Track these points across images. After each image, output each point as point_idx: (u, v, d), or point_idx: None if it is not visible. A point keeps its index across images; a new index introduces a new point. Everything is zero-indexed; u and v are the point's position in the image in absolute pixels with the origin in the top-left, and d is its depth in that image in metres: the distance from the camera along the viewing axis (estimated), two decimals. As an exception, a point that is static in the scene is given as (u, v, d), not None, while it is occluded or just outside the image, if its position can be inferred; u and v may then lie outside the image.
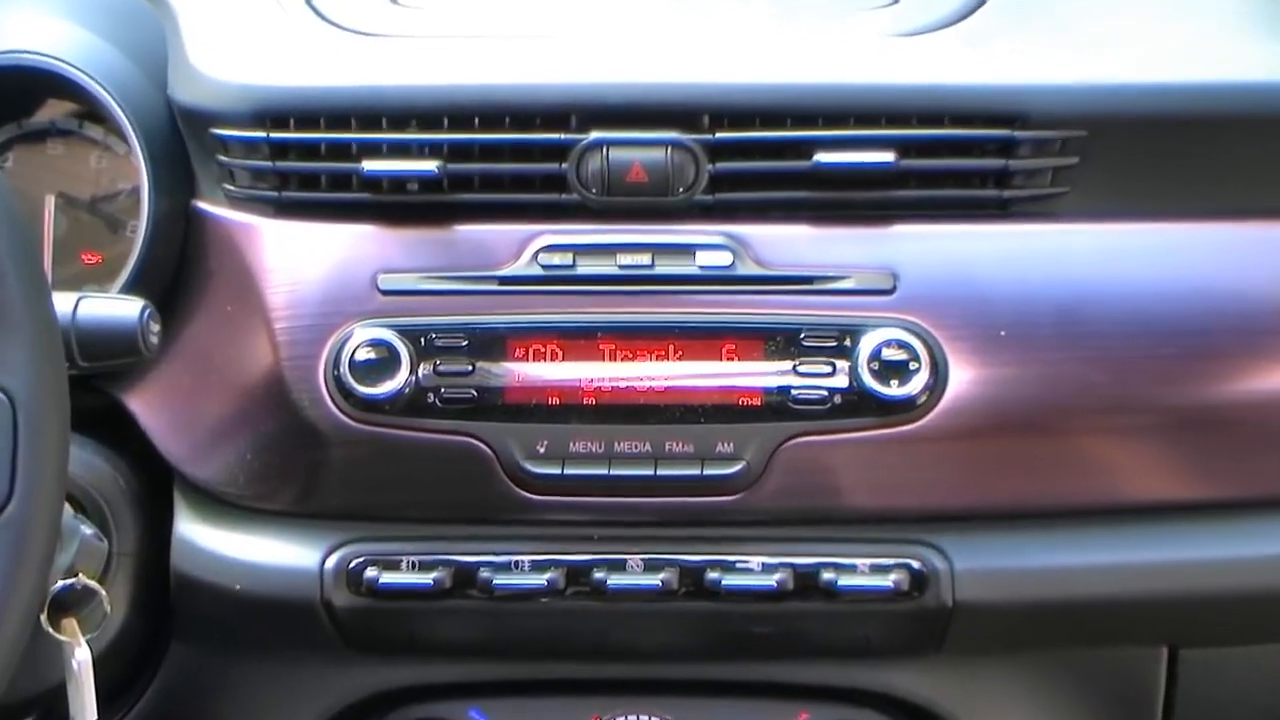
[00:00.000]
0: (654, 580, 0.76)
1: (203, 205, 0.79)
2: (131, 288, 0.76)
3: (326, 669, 0.83)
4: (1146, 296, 0.76)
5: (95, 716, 0.77)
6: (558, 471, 0.74)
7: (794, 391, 0.74)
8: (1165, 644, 0.80)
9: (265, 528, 0.79)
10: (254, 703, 0.85)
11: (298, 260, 0.76)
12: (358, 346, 0.75)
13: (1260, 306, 0.75)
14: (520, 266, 0.76)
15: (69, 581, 0.77)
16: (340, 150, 0.75)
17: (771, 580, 0.76)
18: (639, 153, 0.75)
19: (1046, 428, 0.75)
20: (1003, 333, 0.74)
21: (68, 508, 0.76)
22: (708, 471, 0.75)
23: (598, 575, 0.76)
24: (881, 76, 0.76)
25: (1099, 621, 0.79)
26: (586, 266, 0.76)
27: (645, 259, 0.76)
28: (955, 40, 0.77)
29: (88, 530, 0.79)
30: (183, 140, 0.78)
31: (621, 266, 0.76)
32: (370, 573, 0.77)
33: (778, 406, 0.73)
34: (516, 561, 0.78)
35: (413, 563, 0.77)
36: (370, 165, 0.75)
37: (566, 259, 0.76)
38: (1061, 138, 0.74)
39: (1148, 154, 0.75)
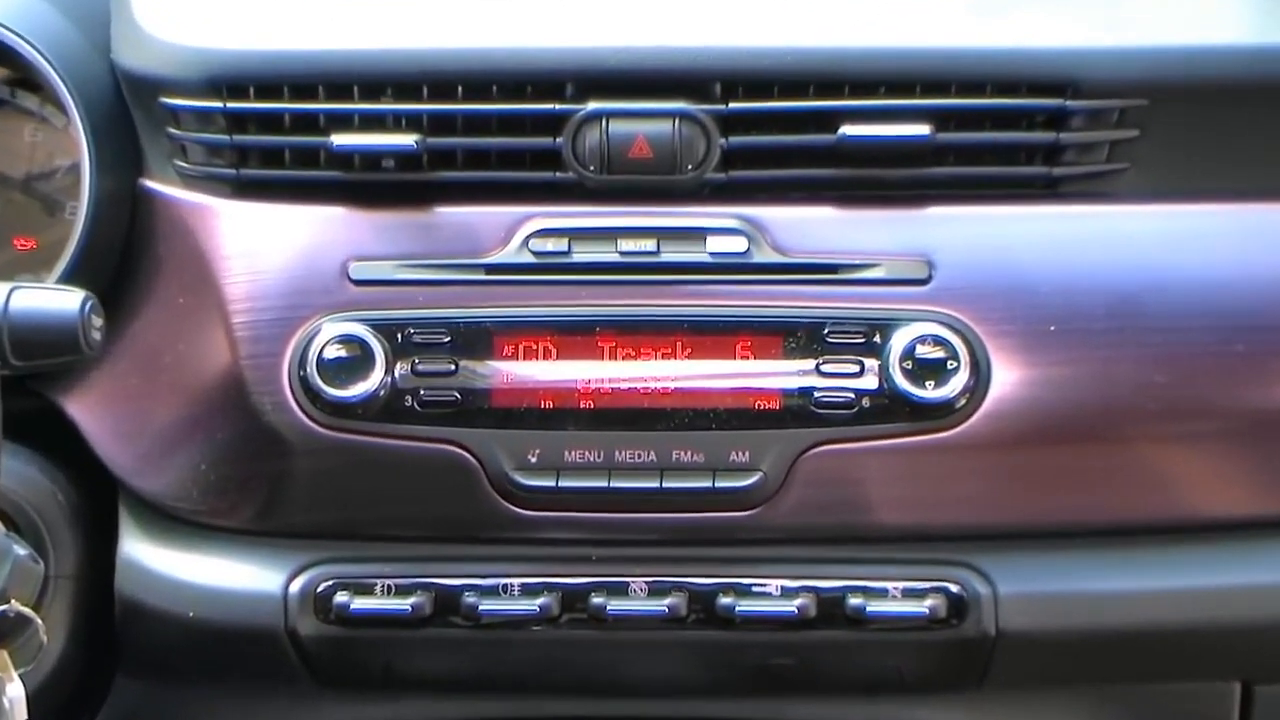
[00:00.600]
0: (660, 606, 0.72)
1: (151, 184, 0.76)
2: (71, 277, 0.73)
3: (291, 706, 0.80)
4: (1214, 286, 0.72)
5: None
6: (552, 484, 0.71)
7: (817, 394, 0.70)
8: (1238, 679, 0.77)
9: (222, 547, 0.76)
10: None
11: (259, 246, 0.73)
12: (326, 343, 0.71)
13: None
14: (509, 253, 0.73)
15: (1, 609, 0.71)
16: (306, 122, 0.72)
17: (792, 606, 0.72)
18: (643, 125, 0.71)
19: (1101, 434, 0.71)
20: (1052, 327, 0.71)
21: (0, 527, 0.72)
22: (720, 484, 0.71)
23: (596, 600, 0.73)
24: (916, 39, 0.73)
25: (1160, 653, 0.75)
26: (583, 253, 0.72)
27: (650, 244, 0.73)
28: None
29: (21, 551, 0.73)
30: (128, 111, 0.75)
31: (623, 253, 0.73)
32: (341, 597, 0.73)
33: (799, 411, 0.70)
34: (505, 585, 0.74)
35: (389, 586, 0.74)
36: (340, 139, 0.71)
37: (561, 244, 0.72)
38: (1120, 107, 0.71)
39: (1216, 126, 0.72)
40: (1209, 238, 0.71)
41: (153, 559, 0.75)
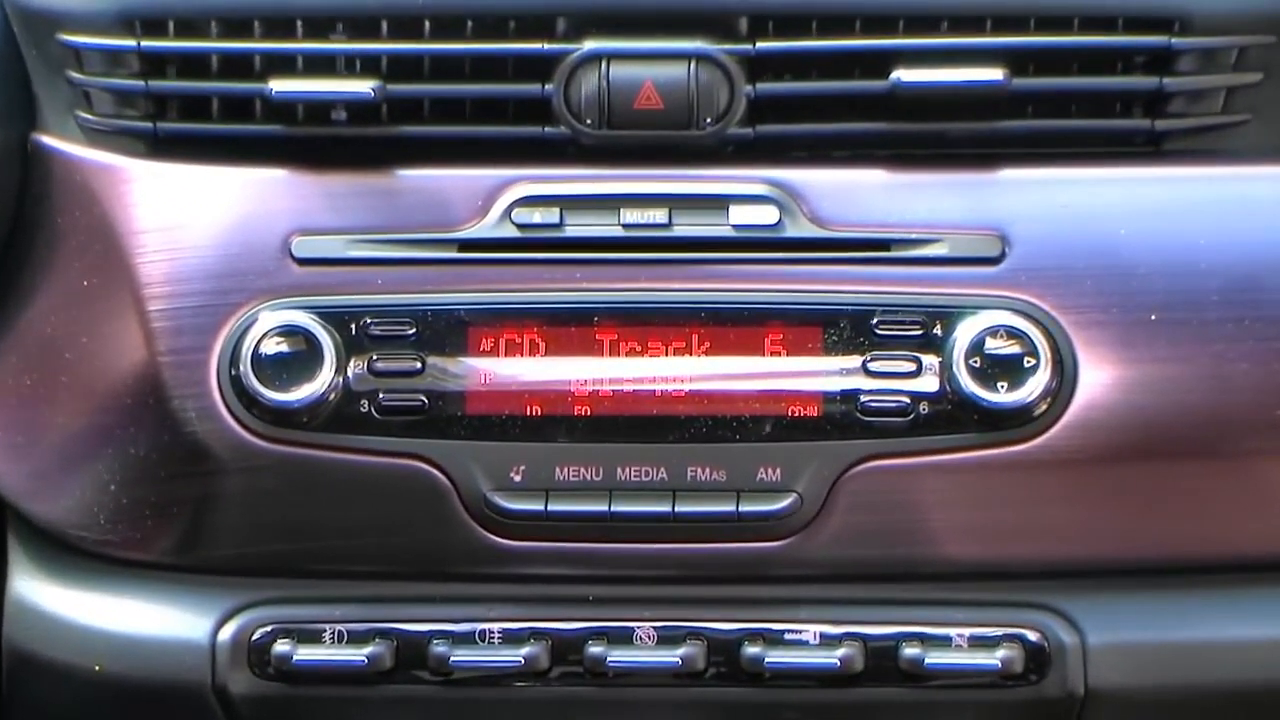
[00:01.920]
0: (673, 656, 0.70)
1: (47, 140, 0.72)
2: None
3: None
4: None
5: None
6: (540, 507, 0.68)
7: (864, 398, 0.68)
8: None
9: (136, 587, 0.73)
10: None
11: (181, 217, 0.69)
12: (264, 335, 0.67)
13: None
14: (487, 226, 0.69)
15: None
16: (239, 65, 0.69)
17: (834, 657, 0.69)
18: (651, 68, 0.66)
19: (1212, 448, 0.68)
20: (1154, 316, 0.67)
21: None
22: (745, 507, 0.68)
23: (595, 650, 0.70)
24: None
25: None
26: (578, 226, 0.68)
27: (660, 215, 0.68)
28: None
29: None
30: (18, 51, 0.71)
31: (626, 226, 0.69)
32: (281, 646, 0.70)
33: (842, 419, 0.68)
34: (483, 631, 0.71)
35: (340, 633, 0.70)
36: (280, 86, 0.67)
37: (551, 215, 0.68)
38: (1240, 45, 0.68)
39: None
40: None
41: (50, 600, 0.73)
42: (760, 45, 0.68)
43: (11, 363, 0.71)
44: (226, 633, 0.70)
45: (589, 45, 0.67)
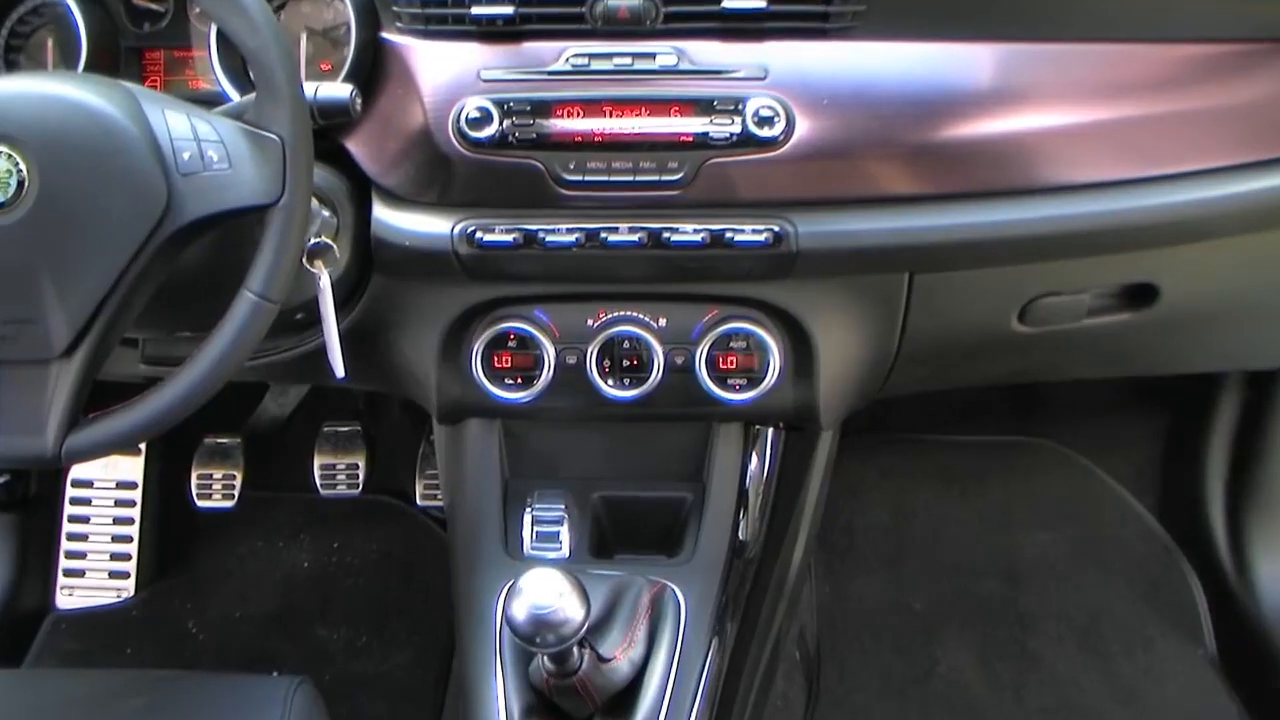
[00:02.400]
0: (635, 238, 1.40)
1: (385, 35, 1.40)
2: (345, 80, 1.49)
3: (456, 289, 1.49)
4: (900, 83, 1.44)
5: (334, 313, 1.51)
6: (581, 179, 1.37)
7: (711, 134, 1.36)
8: (907, 271, 1.57)
9: (422, 211, 1.43)
10: (418, 307, 1.53)
11: (435, 64, 1.39)
12: (470, 110, 1.36)
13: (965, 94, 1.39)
14: (560, 65, 1.36)
15: (317, 240, 1.39)
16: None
17: (698, 238, 1.40)
18: (626, 2, 1.43)
19: (848, 153, 1.39)
20: (825, 102, 1.36)
21: (315, 200, 1.38)
22: (663, 178, 1.37)
23: (603, 235, 1.40)
24: None
25: (872, 260, 1.45)
26: (596, 64, 1.36)
27: (628, 61, 1.36)
28: None
29: (326, 213, 1.45)
30: None
31: (615, 65, 1.35)
32: (478, 235, 1.41)
33: (702, 142, 1.36)
34: (558, 229, 1.40)
35: (501, 229, 1.40)
36: (476, 10, 1.46)
37: (585, 61, 1.36)
38: None
39: None
40: (910, 61, 1.43)
41: (389, 217, 1.43)
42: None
43: (371, 124, 1.37)
44: (457, 230, 1.38)
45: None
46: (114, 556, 2.19)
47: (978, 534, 2.34)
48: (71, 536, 2.17)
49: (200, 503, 2.34)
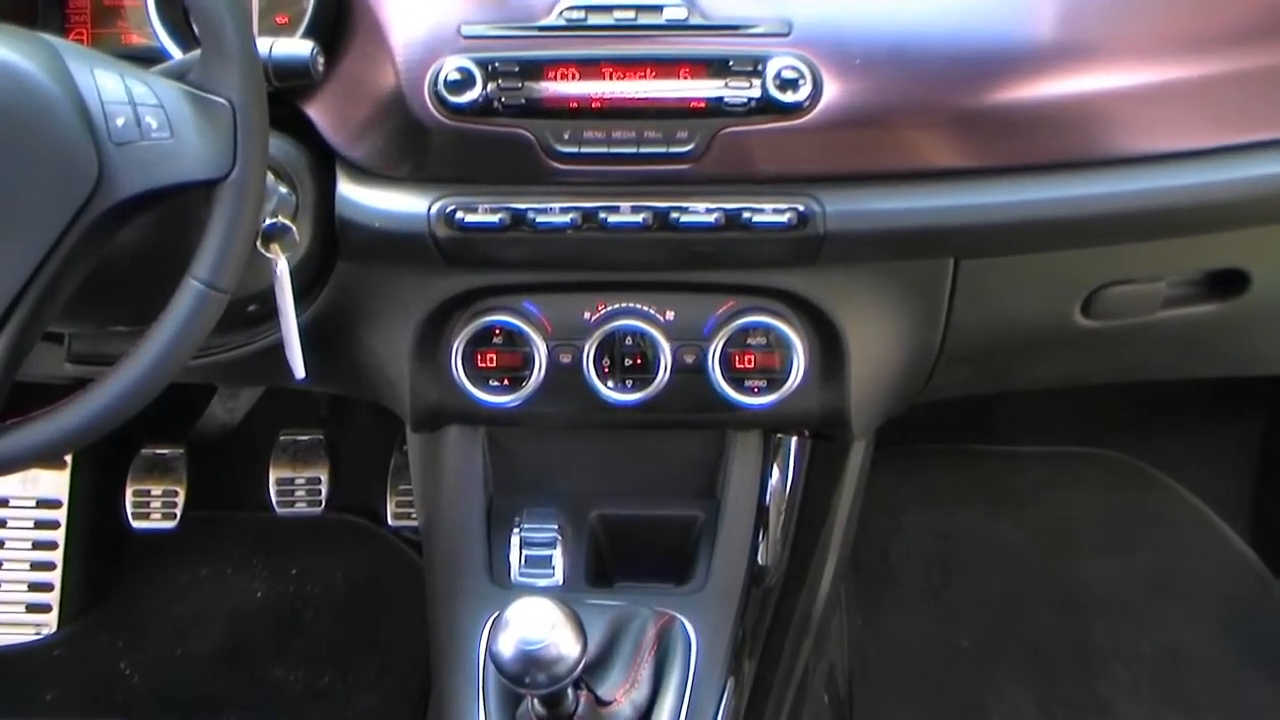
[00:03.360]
0: (638, 219, 1.43)
1: None
2: (305, 35, 1.53)
3: (433, 277, 1.54)
4: (946, 37, 1.48)
5: (292, 304, 1.54)
6: (576, 150, 1.41)
7: (725, 99, 1.39)
8: (952, 256, 1.60)
9: (393, 188, 1.47)
10: (389, 298, 1.58)
11: (410, 17, 1.43)
12: (449, 71, 1.39)
13: (1017, 44, 1.42)
14: (552, 19, 1.40)
15: (273, 221, 1.43)
16: None
17: (711, 219, 1.43)
18: None
19: (883, 121, 1.43)
20: (858, 61, 1.39)
21: (270, 175, 1.41)
22: (671, 150, 1.41)
23: (602, 216, 1.43)
24: None
25: (912, 244, 1.50)
26: (594, 19, 1.39)
27: (631, 14, 1.39)
28: None
29: (283, 189, 1.47)
30: None
31: (616, 19, 1.38)
32: (459, 215, 1.45)
33: (716, 109, 1.39)
34: (550, 208, 1.44)
35: (485, 209, 1.44)
36: None
37: (581, 15, 1.39)
38: None
39: None
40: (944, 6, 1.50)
41: (356, 195, 1.48)
42: None
43: (335, 86, 1.42)
44: (434, 209, 1.43)
45: None
46: (33, 587, 2.20)
47: (1035, 559, 2.36)
48: (-18, 563, 2.26)
49: (136, 523, 2.37)
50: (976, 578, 2.35)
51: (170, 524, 2.39)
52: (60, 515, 2.24)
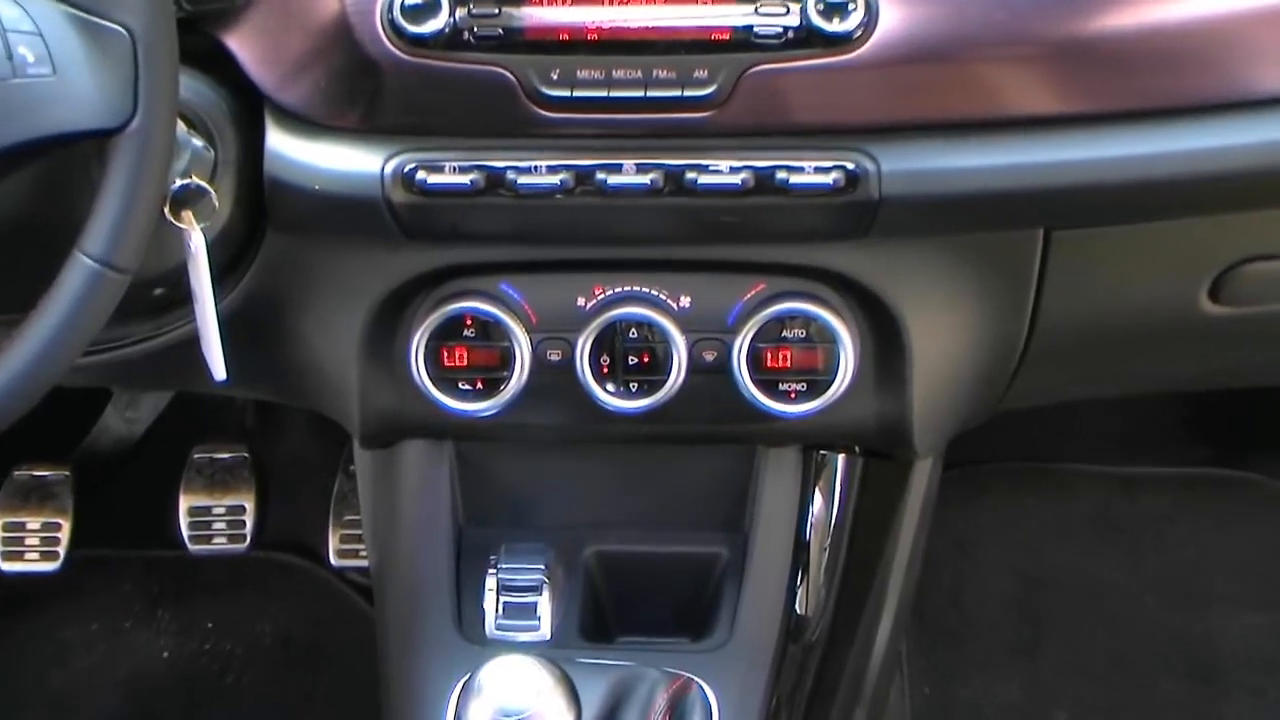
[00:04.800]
0: (644, 180, 1.44)
1: None
2: None
3: (389, 253, 1.56)
4: None
5: (210, 287, 1.56)
6: (568, 94, 1.42)
7: (755, 29, 1.39)
8: (1042, 226, 1.60)
9: (337, 140, 1.49)
10: (333, 279, 1.60)
11: None
12: (406, 3, 1.39)
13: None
14: None
15: (185, 182, 1.44)
16: None
17: (737, 180, 1.43)
18: None
19: (955, 56, 1.44)
20: None
21: (181, 124, 1.41)
22: (687, 93, 1.41)
23: (600, 177, 1.44)
24: None
25: (995, 210, 1.50)
26: None
27: None
28: None
29: (198, 142, 1.47)
30: None
31: None
32: (420, 175, 1.46)
33: (743, 41, 1.39)
34: (536, 167, 1.45)
35: (454, 168, 1.45)
36: None
37: None
38: None
39: None
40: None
41: (290, 149, 1.50)
42: None
43: (263, 12, 1.41)
44: (389, 167, 1.44)
45: None
46: None
47: (1152, 612, 2.38)
48: None
49: (7, 564, 2.40)
50: (1075, 635, 2.37)
51: (51, 565, 2.42)
52: (-96, 556, 2.39)
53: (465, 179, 1.46)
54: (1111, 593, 2.42)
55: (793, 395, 1.56)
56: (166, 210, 1.42)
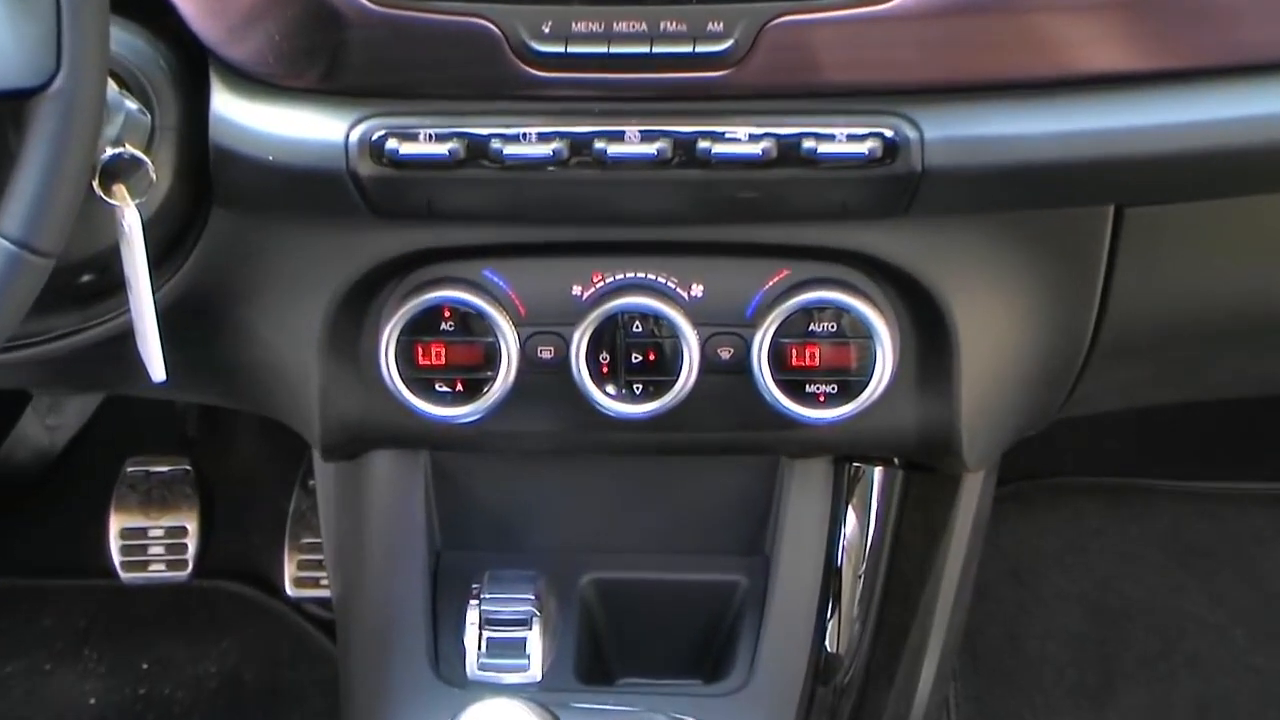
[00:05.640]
0: (650, 150, 1.44)
1: None
2: None
3: (354, 234, 1.57)
4: None
5: (147, 273, 1.56)
6: (561, 50, 1.41)
7: None
8: (1112, 203, 1.61)
9: (294, 103, 1.50)
10: (290, 263, 1.62)
11: None
12: None
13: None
14: None
15: (117, 151, 1.43)
16: None
17: (757, 149, 1.43)
18: None
19: (1007, 6, 1.44)
20: None
21: (113, 84, 1.42)
22: (699, 49, 1.41)
23: (598, 146, 1.44)
24: None
25: (1057, 184, 1.52)
26: None
27: None
28: None
29: (132, 105, 1.47)
30: None
31: None
32: (391, 144, 1.47)
33: None
34: (524, 134, 1.45)
35: (430, 135, 1.46)
36: None
37: None
38: None
39: None
40: None
41: (239, 113, 1.51)
42: None
43: None
44: (355, 135, 1.44)
45: None
46: None
47: (1245, 650, 2.38)
48: None
49: (-91, 597, 2.63)
50: (1151, 678, 2.37)
51: (-39, 596, 2.61)
52: None
53: (443, 148, 1.46)
54: (1195, 627, 2.43)
55: (821, 399, 1.56)
56: (95, 184, 1.42)
